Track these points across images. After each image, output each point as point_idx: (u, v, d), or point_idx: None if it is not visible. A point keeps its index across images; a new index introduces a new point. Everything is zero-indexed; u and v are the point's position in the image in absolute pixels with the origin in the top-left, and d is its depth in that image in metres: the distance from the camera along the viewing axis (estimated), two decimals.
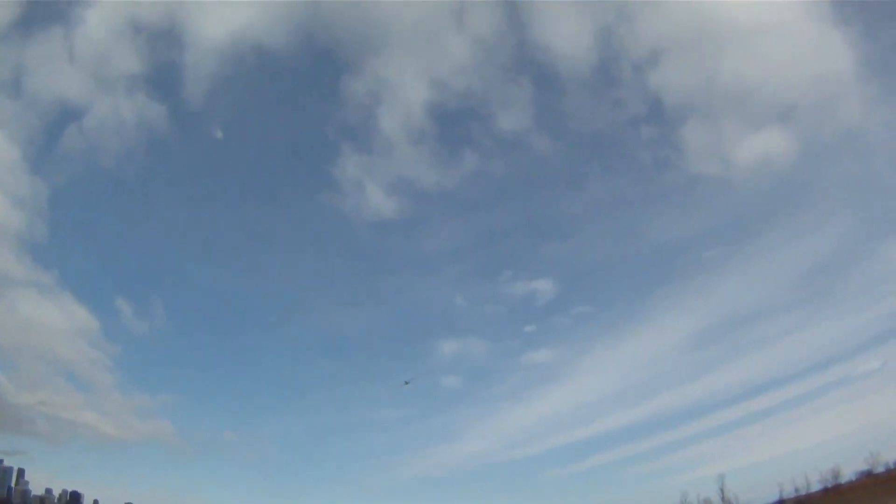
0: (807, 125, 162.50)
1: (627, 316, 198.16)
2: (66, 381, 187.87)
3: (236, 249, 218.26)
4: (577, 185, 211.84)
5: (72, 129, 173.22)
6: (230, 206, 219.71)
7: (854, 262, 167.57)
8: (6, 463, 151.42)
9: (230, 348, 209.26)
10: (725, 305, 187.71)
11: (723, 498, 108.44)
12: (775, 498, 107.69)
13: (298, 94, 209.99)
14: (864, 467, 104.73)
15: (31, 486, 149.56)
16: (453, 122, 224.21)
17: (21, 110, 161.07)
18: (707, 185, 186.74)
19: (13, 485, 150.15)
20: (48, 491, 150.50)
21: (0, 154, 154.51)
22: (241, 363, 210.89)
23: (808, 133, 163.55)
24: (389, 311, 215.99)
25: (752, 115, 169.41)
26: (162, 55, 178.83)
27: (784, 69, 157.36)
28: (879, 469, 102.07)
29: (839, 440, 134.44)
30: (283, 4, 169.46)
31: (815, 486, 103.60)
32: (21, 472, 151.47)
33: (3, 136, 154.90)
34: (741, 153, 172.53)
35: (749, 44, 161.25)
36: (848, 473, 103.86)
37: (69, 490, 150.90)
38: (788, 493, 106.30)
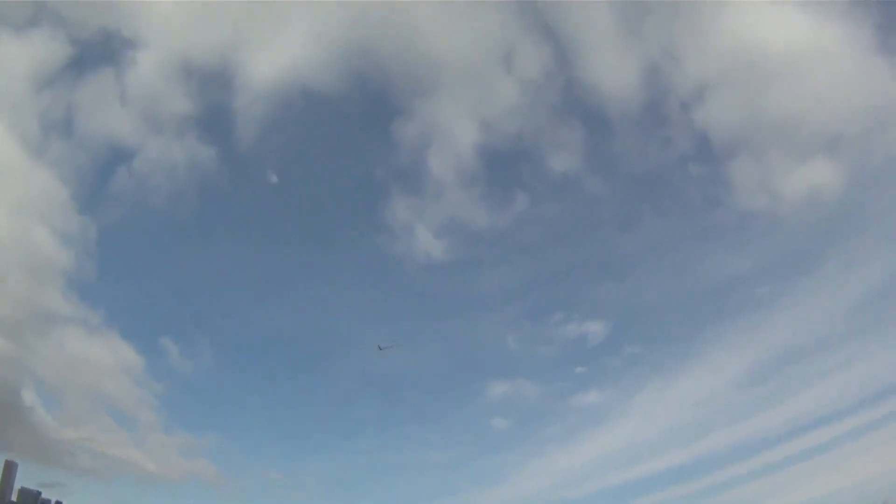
0: (854, 155, 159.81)
1: (678, 355, 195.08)
2: (110, 417, 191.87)
3: (284, 291, 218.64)
4: (628, 226, 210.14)
5: (122, 170, 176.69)
6: (279, 248, 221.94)
7: None
8: (45, 496, 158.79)
9: (277, 388, 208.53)
10: (777, 342, 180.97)
11: None
12: None
13: (349, 137, 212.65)
14: None
15: None
16: (504, 165, 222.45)
17: (72, 150, 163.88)
18: (756, 220, 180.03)
19: None
20: None
21: (50, 193, 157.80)
22: (287, 403, 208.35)
23: (855, 163, 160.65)
24: (440, 353, 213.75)
25: (798, 147, 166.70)
26: (213, 97, 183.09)
27: (829, 99, 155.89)
28: None
29: (892, 475, 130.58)
30: (334, 47, 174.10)
31: None
32: None
33: (54, 176, 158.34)
34: (789, 186, 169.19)
35: (793, 75, 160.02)
36: None
37: None
38: None
